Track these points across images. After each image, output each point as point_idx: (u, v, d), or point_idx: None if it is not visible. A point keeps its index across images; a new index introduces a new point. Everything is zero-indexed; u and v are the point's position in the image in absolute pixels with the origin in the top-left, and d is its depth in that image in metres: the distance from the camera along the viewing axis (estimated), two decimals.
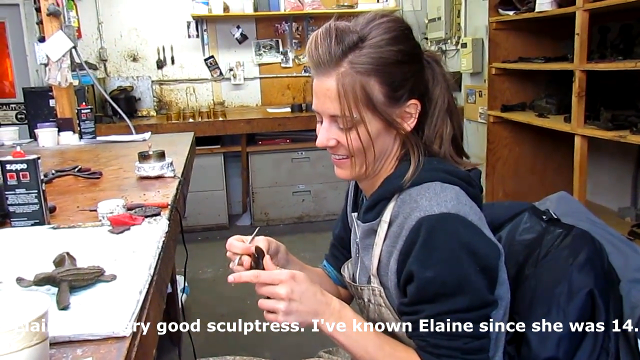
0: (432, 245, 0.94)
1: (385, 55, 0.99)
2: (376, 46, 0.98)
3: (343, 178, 1.10)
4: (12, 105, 4.89)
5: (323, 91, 1.01)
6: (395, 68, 1.00)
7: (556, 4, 2.92)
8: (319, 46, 0.99)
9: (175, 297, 2.65)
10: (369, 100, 0.99)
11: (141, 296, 0.85)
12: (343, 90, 0.98)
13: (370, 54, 0.98)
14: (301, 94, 5.23)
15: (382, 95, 1.00)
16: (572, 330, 1.01)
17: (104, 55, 4.94)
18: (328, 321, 0.99)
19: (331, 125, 1.03)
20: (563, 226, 1.12)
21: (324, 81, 1.00)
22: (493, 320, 0.97)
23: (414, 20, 5.13)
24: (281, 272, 0.97)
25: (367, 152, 1.03)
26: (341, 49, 0.98)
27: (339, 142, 1.03)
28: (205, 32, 5.04)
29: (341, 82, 0.98)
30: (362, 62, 0.98)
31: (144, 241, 1.11)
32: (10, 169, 1.25)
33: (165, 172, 1.76)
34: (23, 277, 0.90)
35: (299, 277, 0.98)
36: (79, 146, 2.66)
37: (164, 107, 5.09)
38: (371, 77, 0.98)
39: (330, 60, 0.98)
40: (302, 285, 0.97)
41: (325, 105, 1.01)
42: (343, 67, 0.98)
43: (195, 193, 4.43)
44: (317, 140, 1.05)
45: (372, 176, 1.09)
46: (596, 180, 3.30)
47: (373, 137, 1.01)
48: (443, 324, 0.93)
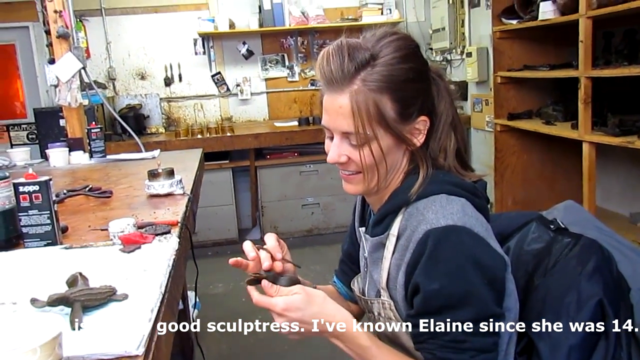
0: (438, 258, 0.94)
1: (397, 73, 1.00)
2: (388, 64, 0.99)
3: (352, 193, 1.11)
4: (23, 126, 4.95)
5: (335, 108, 1.01)
6: (407, 86, 1.01)
7: (559, 12, 2.93)
8: (331, 63, 1.00)
9: (186, 313, 2.66)
10: (381, 117, 1.00)
11: (153, 315, 0.86)
12: (357, 108, 0.98)
13: (383, 72, 0.99)
14: (308, 107, 5.25)
15: (394, 112, 1.01)
16: (583, 339, 1.00)
17: (112, 74, 5.00)
18: (332, 339, 1.02)
19: (342, 141, 1.04)
20: (571, 235, 1.12)
21: (336, 98, 1.01)
22: (501, 332, 0.97)
23: (418, 31, 5.16)
24: (276, 304, 0.99)
25: (379, 168, 1.04)
26: (354, 66, 0.99)
27: (350, 158, 1.04)
28: (211, 49, 5.09)
29: (354, 100, 0.98)
30: (375, 79, 0.99)
31: (155, 259, 1.12)
32: (23, 191, 1.26)
33: (174, 190, 1.78)
34: (37, 297, 0.91)
35: (292, 306, 0.99)
36: (89, 165, 2.69)
37: (172, 123, 5.13)
38: (384, 94, 0.99)
39: (342, 77, 0.99)
40: (297, 312, 0.99)
41: (338, 122, 1.02)
42: (356, 85, 0.99)
43: (204, 208, 4.45)
44: (328, 157, 1.06)
45: (381, 190, 1.10)
46: (606, 186, 3.29)
47: (385, 153, 1.02)
48: (449, 336, 0.93)
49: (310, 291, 1.01)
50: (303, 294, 1.00)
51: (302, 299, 0.99)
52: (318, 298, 1.01)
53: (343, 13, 5.12)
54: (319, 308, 1.00)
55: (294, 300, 0.99)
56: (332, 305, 1.02)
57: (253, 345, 2.95)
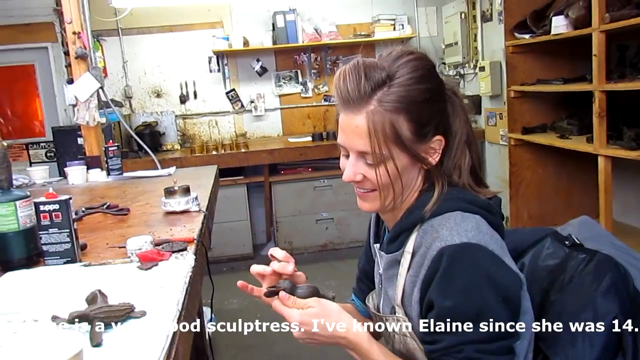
0: (452, 275, 0.95)
1: (413, 93, 1.01)
2: (404, 85, 1.00)
3: (367, 211, 1.12)
4: (42, 144, 5.03)
5: (352, 128, 1.02)
6: (423, 106, 1.02)
7: (572, 26, 2.93)
8: (347, 82, 1.01)
9: (202, 328, 2.67)
10: (397, 137, 1.01)
11: (170, 332, 0.87)
12: (373, 128, 0.99)
13: (399, 93, 1.00)
14: (321, 123, 5.28)
15: (409, 132, 1.01)
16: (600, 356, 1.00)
17: (129, 92, 5.08)
18: (347, 350, 1.03)
19: (358, 160, 1.05)
20: (586, 251, 1.11)
21: (352, 118, 1.02)
22: (516, 351, 0.97)
23: (430, 46, 5.19)
24: (292, 316, 1.00)
25: (394, 186, 1.05)
26: (370, 86, 0.99)
27: (365, 177, 1.05)
28: (226, 66, 5.15)
29: (371, 120, 0.99)
30: (391, 100, 1.00)
31: (172, 276, 1.14)
32: (43, 210, 1.29)
33: (190, 207, 1.80)
34: (58, 315, 0.93)
35: (307, 319, 1.00)
36: (106, 183, 2.72)
37: (187, 140, 5.18)
38: (400, 114, 1.00)
39: (359, 97, 1.00)
40: (310, 326, 1.00)
41: (354, 142, 1.03)
42: (372, 105, 1.00)
43: (219, 224, 4.48)
44: (344, 175, 1.07)
45: (396, 209, 1.10)
46: (624, 200, 3.26)
47: (400, 172, 1.03)
48: (463, 354, 0.93)
49: (326, 304, 1.02)
50: (318, 307, 1.00)
51: (317, 313, 1.00)
52: (333, 312, 1.01)
53: (356, 29, 5.16)
54: (332, 323, 1.00)
55: (309, 313, 1.00)
56: (348, 320, 1.02)
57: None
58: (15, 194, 1.32)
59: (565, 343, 1.04)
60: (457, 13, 4.73)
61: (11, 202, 1.30)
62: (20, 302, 1.06)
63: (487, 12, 4.41)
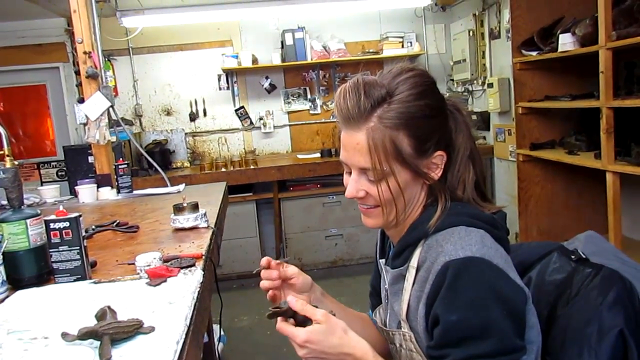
0: (457, 289, 0.95)
1: (412, 110, 1.02)
2: (404, 101, 1.02)
3: (371, 227, 1.12)
4: (53, 163, 5.09)
5: (353, 145, 1.04)
6: (423, 122, 1.03)
7: (579, 44, 2.95)
8: (347, 100, 1.02)
9: (212, 346, 2.67)
10: (398, 154, 1.02)
11: (178, 346, 0.88)
12: (373, 145, 1.01)
13: (399, 109, 1.01)
14: (330, 139, 5.31)
15: (410, 148, 1.03)
16: None
17: (139, 110, 5.14)
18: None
19: (360, 177, 1.06)
20: (592, 266, 1.11)
21: (353, 135, 1.03)
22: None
23: (439, 63, 5.22)
24: (298, 336, 0.98)
25: (397, 202, 1.06)
26: (370, 103, 1.01)
27: (368, 193, 1.06)
28: (235, 83, 5.20)
29: (371, 137, 1.01)
30: (391, 117, 1.01)
31: (180, 292, 1.15)
32: (54, 228, 1.31)
33: (199, 223, 1.82)
34: (67, 331, 0.94)
35: (313, 338, 0.98)
36: (116, 201, 2.75)
37: (197, 158, 5.22)
38: (400, 131, 1.01)
39: (359, 115, 1.01)
40: (318, 345, 0.98)
41: (355, 158, 1.04)
42: (372, 122, 1.01)
43: (229, 241, 4.49)
44: (346, 192, 1.09)
45: (399, 224, 1.11)
46: (633, 216, 3.24)
47: (402, 188, 1.04)
48: None
49: (332, 321, 1.01)
50: (324, 324, 0.99)
51: (323, 330, 0.99)
52: (339, 329, 1.01)
53: (364, 46, 5.20)
54: (339, 340, 0.99)
55: (315, 331, 0.99)
56: (354, 337, 1.02)
57: None
58: (26, 212, 1.34)
59: (571, 356, 1.03)
60: (466, 30, 4.76)
61: (22, 220, 1.32)
62: (30, 319, 1.08)
63: (495, 29, 4.43)
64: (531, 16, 3.52)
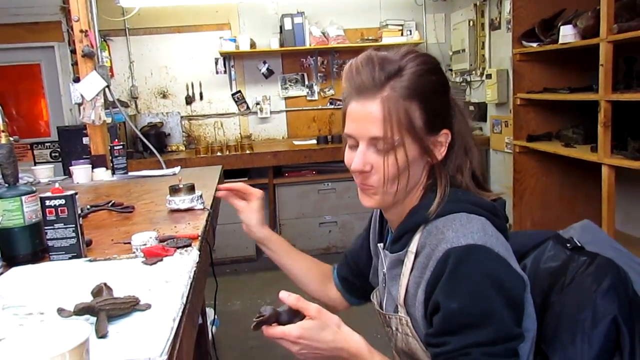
0: (458, 277, 0.95)
1: (424, 83, 1.02)
2: (416, 74, 1.02)
3: (368, 206, 1.11)
4: (47, 144, 5.05)
5: (364, 114, 1.02)
6: (434, 96, 1.04)
7: (580, 36, 2.94)
8: (361, 72, 1.02)
9: (205, 329, 2.67)
10: (410, 125, 1.02)
11: (175, 324, 0.88)
12: (387, 113, 1.00)
13: (412, 80, 1.01)
14: (327, 126, 5.30)
15: (421, 121, 1.03)
16: (597, 356, 1.00)
17: (135, 92, 5.10)
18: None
19: (368, 148, 1.04)
20: (587, 254, 1.12)
21: (365, 104, 1.02)
22: (520, 353, 0.97)
23: (438, 53, 5.21)
24: (290, 333, 0.97)
25: (401, 179, 1.04)
26: (384, 76, 1.01)
27: (373, 167, 1.05)
28: (232, 68, 5.17)
29: (386, 105, 1.00)
30: (405, 86, 1.01)
31: (176, 271, 1.14)
32: (49, 205, 1.29)
33: (195, 205, 1.81)
34: (63, 307, 0.94)
35: (306, 333, 0.97)
36: (111, 182, 2.73)
37: (192, 141, 5.20)
38: (413, 102, 1.01)
39: (373, 85, 1.01)
40: (311, 340, 0.97)
41: (366, 128, 1.03)
42: (386, 92, 1.01)
43: (223, 225, 4.47)
44: (353, 164, 1.06)
45: (398, 205, 1.11)
46: (626, 210, 3.26)
47: (409, 163, 1.04)
48: (470, 356, 0.93)
49: (325, 316, 1.00)
50: (317, 320, 0.98)
51: (316, 325, 0.98)
52: (333, 324, 1.00)
53: (363, 34, 5.18)
54: (332, 335, 0.99)
55: (308, 326, 0.98)
56: (347, 332, 1.01)
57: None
58: (21, 189, 1.33)
59: (564, 342, 1.04)
60: (466, 20, 4.74)
61: (17, 197, 1.30)
62: (25, 296, 1.07)
63: (495, 20, 4.42)
64: (533, 7, 3.51)
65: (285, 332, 0.98)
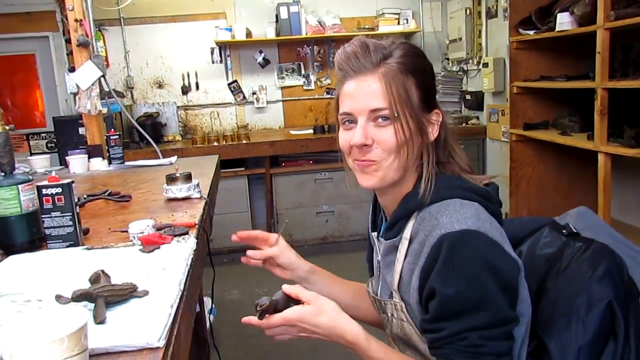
0: (453, 263, 0.96)
1: (417, 62, 1.07)
2: (408, 55, 1.06)
3: (367, 186, 1.10)
4: (43, 135, 5.03)
5: (363, 89, 1.05)
6: (427, 75, 1.08)
7: (576, 23, 2.93)
8: (356, 53, 1.06)
9: (202, 317, 2.68)
10: (408, 99, 1.04)
11: (172, 310, 0.88)
12: (388, 85, 1.03)
13: (405, 61, 1.05)
14: (323, 116, 5.29)
15: (417, 98, 1.05)
16: (592, 340, 1.01)
17: (130, 83, 5.08)
18: (345, 346, 1.03)
19: (368, 122, 1.06)
20: (583, 240, 1.13)
21: (364, 80, 1.05)
22: (515, 336, 0.98)
23: (434, 41, 5.20)
24: (289, 317, 1.00)
25: (401, 152, 1.05)
26: (378, 57, 1.05)
27: (374, 141, 1.05)
28: (228, 57, 5.15)
29: (385, 78, 1.04)
30: (400, 63, 1.04)
31: (174, 259, 1.14)
32: (46, 193, 1.30)
33: (192, 194, 1.81)
34: (61, 294, 0.94)
35: (304, 317, 1.00)
36: (108, 171, 2.73)
37: (189, 131, 5.19)
38: (409, 78, 1.04)
39: (370, 63, 1.05)
40: (308, 324, 1.00)
41: (366, 102, 1.04)
42: (383, 67, 1.04)
43: (220, 215, 4.48)
44: (354, 139, 1.06)
45: (396, 186, 1.11)
46: (623, 198, 3.27)
47: (407, 138, 1.04)
48: (466, 341, 0.94)
49: (321, 301, 1.02)
50: (315, 304, 1.01)
51: (312, 310, 1.00)
52: (329, 309, 1.01)
53: (360, 23, 5.16)
54: (329, 321, 1.00)
55: (305, 310, 1.00)
56: (345, 319, 1.02)
57: (269, 352, 2.97)
58: (18, 177, 1.33)
59: (559, 327, 1.05)
60: (462, 9, 4.73)
61: (14, 185, 1.30)
62: (23, 283, 1.07)
63: (492, 8, 4.41)
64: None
65: (285, 316, 1.00)
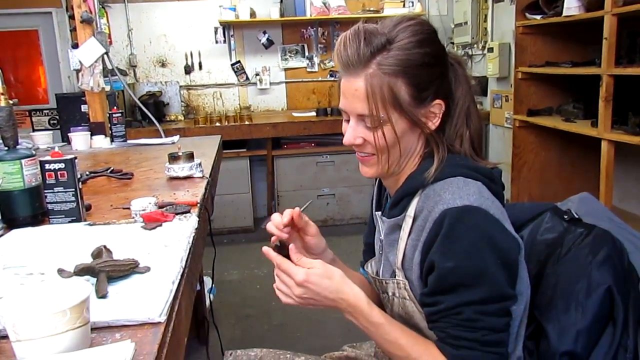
0: (454, 237, 0.96)
1: (412, 57, 1.02)
2: (403, 48, 1.01)
3: (368, 176, 1.12)
4: (45, 111, 5.02)
5: (351, 91, 1.04)
6: (422, 70, 1.03)
7: (584, 8, 2.91)
8: (347, 47, 1.02)
9: (202, 296, 2.70)
10: (395, 101, 1.02)
11: (174, 286, 0.89)
12: (371, 91, 1.01)
13: (398, 56, 1.01)
14: (326, 98, 5.27)
15: (408, 96, 1.03)
16: (591, 324, 1.02)
17: (133, 61, 5.05)
18: (345, 313, 1.04)
19: (358, 124, 1.06)
20: (584, 226, 1.13)
21: (352, 81, 1.03)
22: (513, 315, 0.99)
23: (440, 25, 5.14)
24: (297, 274, 1.01)
25: (393, 150, 1.06)
26: (370, 51, 1.01)
27: (365, 140, 1.06)
28: (232, 37, 5.12)
29: (369, 83, 1.01)
30: (390, 63, 1.01)
31: (175, 236, 1.15)
32: (49, 169, 1.30)
33: (194, 173, 1.81)
34: (64, 268, 0.95)
35: (312, 279, 1.01)
36: (110, 149, 2.73)
37: (191, 111, 5.17)
38: (398, 78, 1.01)
39: (358, 61, 1.02)
40: (315, 285, 1.01)
41: (353, 105, 1.04)
42: (371, 69, 1.01)
43: (221, 196, 4.50)
44: (344, 139, 1.09)
45: (396, 173, 1.12)
46: (625, 186, 3.26)
47: (399, 136, 1.04)
48: (462, 315, 0.95)
49: (330, 267, 1.04)
50: (322, 268, 1.02)
51: (321, 273, 1.01)
52: (336, 275, 1.03)
53: (365, 4, 5.12)
54: (336, 285, 1.02)
55: (314, 272, 1.01)
56: (349, 283, 1.04)
57: (267, 332, 2.99)
58: (21, 152, 1.33)
59: (558, 311, 1.06)
60: None
61: (17, 160, 1.31)
62: (26, 257, 1.08)
63: None
64: None
65: (293, 271, 1.01)
